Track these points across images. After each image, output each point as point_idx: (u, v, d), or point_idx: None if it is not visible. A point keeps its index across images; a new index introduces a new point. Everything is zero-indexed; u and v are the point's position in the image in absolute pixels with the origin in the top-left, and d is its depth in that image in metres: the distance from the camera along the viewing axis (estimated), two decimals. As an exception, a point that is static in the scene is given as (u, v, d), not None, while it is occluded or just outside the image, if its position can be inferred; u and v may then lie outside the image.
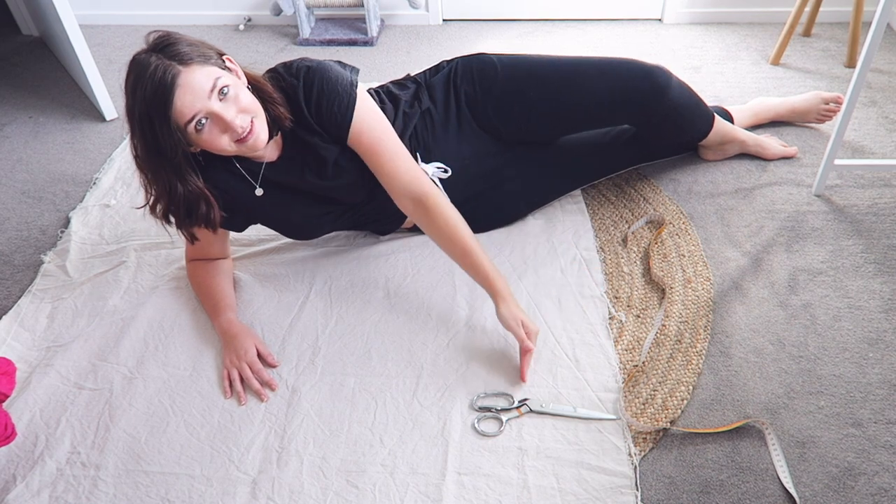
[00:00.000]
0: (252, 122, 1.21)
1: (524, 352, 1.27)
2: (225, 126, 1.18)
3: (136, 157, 1.21)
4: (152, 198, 1.26)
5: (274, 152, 1.35)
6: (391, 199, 1.47)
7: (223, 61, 1.21)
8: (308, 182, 1.35)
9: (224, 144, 1.21)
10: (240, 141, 1.21)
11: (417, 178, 1.34)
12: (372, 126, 1.34)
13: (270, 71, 1.33)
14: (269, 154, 1.34)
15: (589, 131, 1.66)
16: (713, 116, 1.67)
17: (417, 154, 1.48)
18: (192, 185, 1.24)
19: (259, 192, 1.35)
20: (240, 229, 1.46)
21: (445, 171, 1.49)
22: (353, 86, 1.32)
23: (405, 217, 1.55)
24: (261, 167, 1.34)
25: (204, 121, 1.17)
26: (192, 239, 1.34)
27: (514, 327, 1.26)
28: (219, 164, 1.32)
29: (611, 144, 1.68)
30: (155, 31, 1.18)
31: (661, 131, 1.61)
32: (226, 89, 1.17)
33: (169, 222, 1.29)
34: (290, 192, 1.37)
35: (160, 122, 1.14)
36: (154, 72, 1.11)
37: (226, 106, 1.17)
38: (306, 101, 1.30)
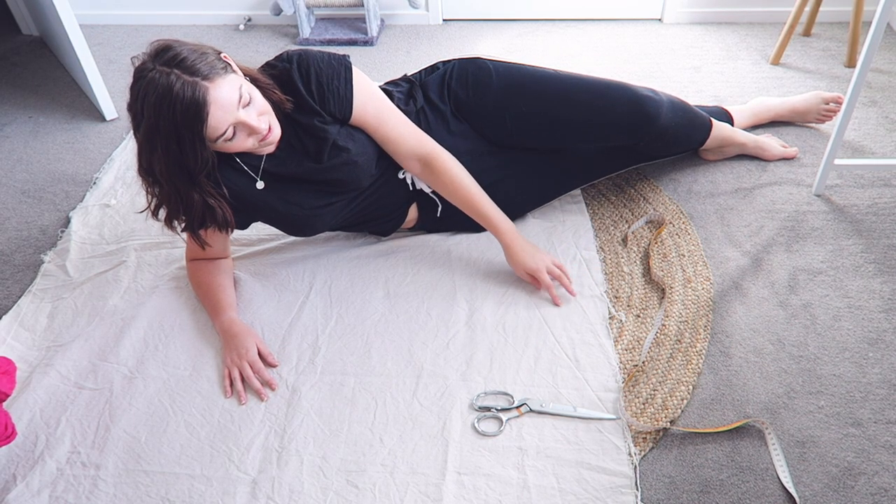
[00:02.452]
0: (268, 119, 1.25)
1: (545, 288, 1.41)
2: (251, 130, 1.22)
3: (144, 170, 1.21)
4: (154, 201, 1.26)
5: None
6: (390, 191, 1.48)
7: (227, 63, 1.22)
8: (306, 167, 1.36)
9: (248, 146, 1.25)
10: (262, 139, 1.24)
11: (421, 141, 1.42)
12: (373, 95, 1.39)
13: (259, 69, 1.34)
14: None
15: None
16: (709, 127, 1.68)
17: None
18: (208, 193, 1.25)
19: (260, 185, 1.35)
20: (243, 227, 1.46)
21: None
22: (345, 59, 1.35)
23: (405, 216, 1.55)
24: (261, 160, 1.34)
25: (233, 131, 1.20)
26: (202, 244, 1.35)
27: (523, 276, 1.43)
28: (222, 161, 1.32)
29: (610, 144, 1.68)
30: (155, 41, 1.18)
31: (653, 150, 1.68)
32: (247, 96, 1.19)
33: (173, 227, 1.29)
34: (290, 182, 1.37)
35: (192, 140, 1.15)
36: (182, 90, 1.11)
37: (248, 112, 1.21)
38: (305, 82, 1.31)
